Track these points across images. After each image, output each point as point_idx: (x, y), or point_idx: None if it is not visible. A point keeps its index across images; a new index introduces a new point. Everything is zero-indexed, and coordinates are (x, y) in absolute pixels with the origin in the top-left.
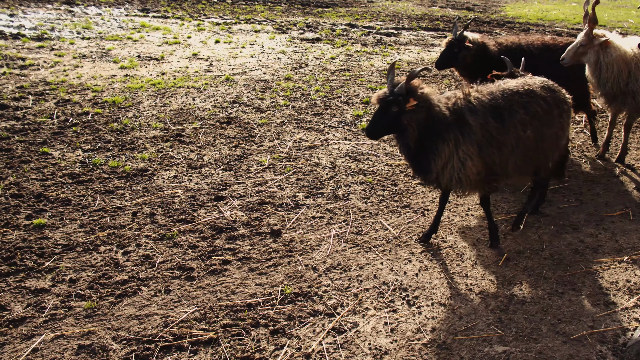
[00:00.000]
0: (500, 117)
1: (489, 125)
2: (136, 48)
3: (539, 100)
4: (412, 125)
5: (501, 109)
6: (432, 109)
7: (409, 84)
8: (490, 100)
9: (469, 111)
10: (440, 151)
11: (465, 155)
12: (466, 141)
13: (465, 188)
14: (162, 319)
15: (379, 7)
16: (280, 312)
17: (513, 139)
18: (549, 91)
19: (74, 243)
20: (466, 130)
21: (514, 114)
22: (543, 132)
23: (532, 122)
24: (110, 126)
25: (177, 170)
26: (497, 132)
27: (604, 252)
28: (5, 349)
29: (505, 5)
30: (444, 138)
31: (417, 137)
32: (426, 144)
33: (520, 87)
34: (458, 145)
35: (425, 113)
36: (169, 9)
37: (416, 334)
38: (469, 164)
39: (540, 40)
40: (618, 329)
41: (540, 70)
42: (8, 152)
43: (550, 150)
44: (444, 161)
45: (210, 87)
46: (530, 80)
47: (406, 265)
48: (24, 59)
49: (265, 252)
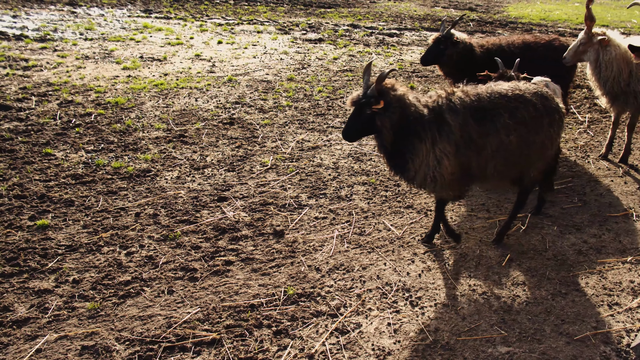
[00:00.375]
0: (482, 120)
1: (469, 126)
2: (139, 49)
3: (528, 106)
4: (385, 126)
5: (485, 111)
6: (406, 109)
7: (380, 85)
8: (474, 102)
9: (449, 110)
10: (417, 150)
11: (442, 154)
12: (443, 140)
13: (438, 187)
14: (165, 319)
15: (381, 7)
16: (283, 313)
17: (494, 142)
18: (541, 98)
19: (77, 244)
20: (444, 129)
21: (498, 117)
22: (529, 139)
23: (517, 127)
24: (113, 127)
25: (180, 171)
26: (477, 134)
27: (607, 252)
28: (9, 349)
29: (508, 5)
30: (421, 137)
31: (393, 138)
32: (403, 143)
33: (509, 91)
34: (435, 144)
35: (399, 113)
36: (171, 9)
37: (419, 334)
38: (445, 162)
39: (521, 39)
40: (622, 330)
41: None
42: (11, 153)
43: (535, 158)
44: (421, 160)
45: (212, 88)
46: (524, 85)
47: (409, 266)
48: (27, 60)
49: (268, 252)
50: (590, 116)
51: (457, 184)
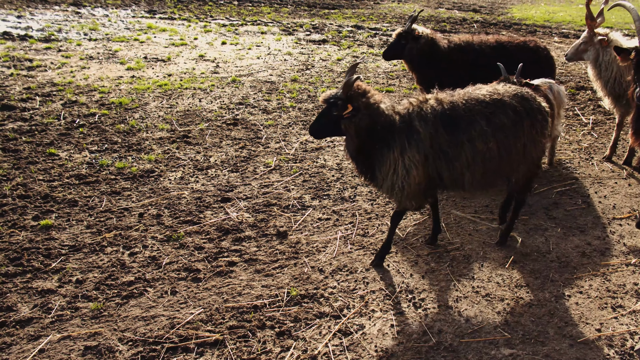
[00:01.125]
0: (455, 128)
1: (440, 135)
2: (143, 49)
3: (507, 110)
4: (350, 131)
5: (458, 119)
6: (376, 116)
7: (348, 90)
8: (447, 110)
9: (419, 118)
10: (385, 159)
11: (411, 163)
12: (412, 148)
13: (404, 197)
14: (168, 320)
15: (385, 8)
16: (287, 314)
17: (470, 152)
18: (521, 100)
19: (81, 244)
20: (414, 137)
21: (474, 125)
22: (509, 145)
23: (496, 134)
24: (117, 127)
25: (183, 171)
26: (449, 145)
27: (611, 254)
28: (12, 349)
29: (512, 7)
30: (390, 146)
31: (359, 143)
32: (373, 150)
33: (487, 96)
34: (404, 152)
35: (367, 120)
36: (175, 10)
37: (422, 336)
38: (413, 172)
39: (494, 39)
40: (626, 333)
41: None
42: (15, 153)
43: (517, 163)
44: (388, 168)
45: (216, 89)
46: (502, 88)
47: (412, 267)
48: (32, 60)
49: (272, 253)
50: (594, 118)
51: (422, 195)
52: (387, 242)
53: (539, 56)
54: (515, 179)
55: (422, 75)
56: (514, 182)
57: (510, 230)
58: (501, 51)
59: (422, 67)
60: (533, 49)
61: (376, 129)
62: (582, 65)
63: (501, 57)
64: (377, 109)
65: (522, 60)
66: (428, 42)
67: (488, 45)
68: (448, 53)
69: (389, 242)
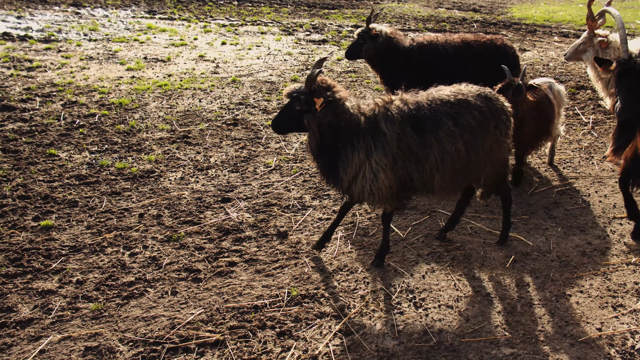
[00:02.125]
0: (422, 129)
1: (408, 136)
2: (143, 50)
3: (473, 110)
4: (312, 127)
5: (425, 120)
6: (340, 114)
7: (311, 84)
8: (413, 110)
9: (384, 119)
10: (349, 159)
11: (378, 167)
12: (379, 151)
13: (376, 202)
14: (168, 320)
15: (385, 8)
16: (287, 314)
17: (437, 153)
18: (485, 100)
19: (81, 244)
20: (380, 140)
21: (441, 125)
22: (476, 146)
23: (464, 135)
24: (117, 128)
25: (183, 171)
26: (417, 145)
27: (611, 254)
28: (12, 350)
29: (512, 6)
30: (354, 146)
31: (320, 140)
32: (336, 151)
33: (452, 97)
34: (370, 155)
35: (331, 117)
36: (175, 10)
37: (423, 336)
38: (381, 176)
39: (460, 38)
40: (626, 332)
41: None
42: (15, 153)
43: (484, 164)
44: (354, 170)
45: (216, 89)
46: (466, 88)
47: (413, 267)
48: (31, 60)
49: (272, 253)
50: (595, 117)
51: (396, 197)
52: (384, 242)
53: (505, 55)
54: (484, 181)
55: (385, 75)
56: (482, 184)
57: (509, 229)
58: (466, 50)
59: (383, 66)
60: (499, 47)
61: (339, 127)
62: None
63: (466, 57)
64: (341, 106)
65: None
66: (386, 41)
67: (452, 45)
68: (409, 52)
69: (386, 242)
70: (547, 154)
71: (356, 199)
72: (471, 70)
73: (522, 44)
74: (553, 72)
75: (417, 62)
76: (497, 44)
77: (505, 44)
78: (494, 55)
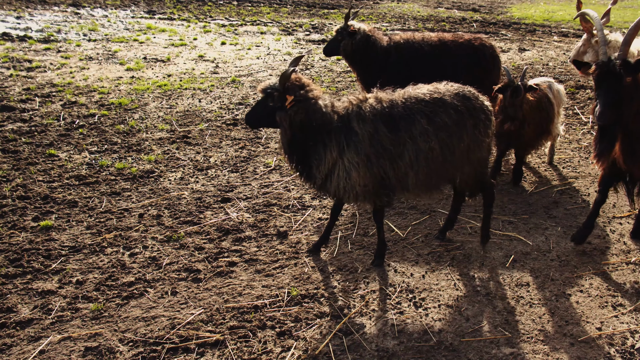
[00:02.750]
0: (395, 127)
1: (380, 135)
2: (142, 50)
3: (449, 109)
4: (283, 124)
5: (399, 118)
6: (313, 112)
7: (285, 81)
8: (386, 109)
9: (356, 118)
10: (321, 157)
11: (351, 165)
12: (351, 150)
13: (353, 199)
14: (168, 320)
15: (384, 8)
16: (287, 314)
17: (411, 151)
18: (463, 99)
19: (81, 245)
20: (352, 138)
21: (415, 124)
22: (452, 145)
23: (438, 133)
24: (117, 128)
25: (183, 172)
26: (390, 143)
27: (611, 253)
28: (12, 350)
29: (512, 6)
30: (326, 144)
31: (291, 137)
32: (310, 148)
33: (427, 95)
34: (342, 154)
35: (303, 114)
36: (175, 10)
37: (423, 335)
38: (354, 174)
39: (437, 37)
40: (626, 331)
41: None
42: (15, 154)
43: (461, 164)
44: (327, 168)
45: (216, 89)
46: (444, 86)
47: (413, 267)
48: (31, 61)
49: (272, 253)
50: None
51: (376, 195)
52: (380, 240)
53: (482, 54)
54: (460, 180)
55: (362, 72)
56: (459, 183)
57: (489, 226)
58: (442, 49)
59: (360, 63)
60: (476, 47)
61: (311, 125)
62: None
63: (442, 56)
64: (314, 105)
65: (463, 59)
66: (363, 38)
67: (429, 44)
68: (386, 50)
69: (381, 240)
70: (547, 153)
71: (332, 196)
72: (448, 70)
73: (521, 44)
74: (553, 71)
75: (394, 61)
76: (475, 43)
77: (484, 43)
78: (470, 55)
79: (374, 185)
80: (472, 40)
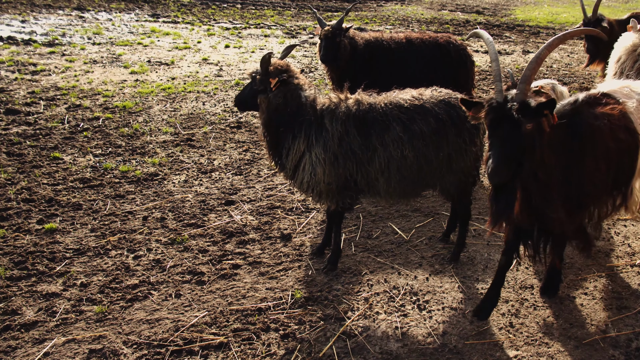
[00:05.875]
0: (367, 132)
1: (350, 137)
2: (146, 53)
3: (428, 117)
4: (262, 106)
5: (372, 123)
6: (292, 99)
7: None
8: (361, 112)
9: (329, 115)
10: (291, 145)
11: (317, 160)
12: (319, 145)
13: (316, 197)
14: (172, 323)
15: (388, 11)
16: (291, 317)
17: (382, 158)
18: (446, 106)
19: (85, 247)
20: (322, 135)
21: (389, 130)
22: (429, 154)
23: (413, 141)
24: (121, 131)
25: (187, 174)
26: (360, 147)
27: (616, 255)
28: (17, 353)
29: (515, 8)
30: (295, 134)
31: (267, 120)
32: (281, 134)
33: (407, 102)
34: (311, 148)
35: (280, 99)
36: (179, 14)
37: (427, 338)
38: (318, 170)
39: (404, 36)
40: (631, 334)
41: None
42: (20, 157)
43: (442, 172)
44: (296, 159)
45: (220, 92)
46: (429, 93)
47: (417, 269)
48: (36, 64)
49: (276, 256)
50: None
51: (339, 195)
52: (334, 246)
53: (447, 53)
54: (441, 188)
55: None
56: (439, 191)
57: (462, 248)
58: (408, 47)
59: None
60: (441, 45)
61: (286, 111)
62: None
63: (408, 54)
64: (294, 90)
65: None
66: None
67: (396, 42)
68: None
69: (337, 245)
70: None
71: (299, 189)
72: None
73: (525, 46)
74: (557, 73)
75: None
76: (440, 41)
77: (450, 41)
78: (434, 52)
79: (338, 185)
80: (437, 38)
